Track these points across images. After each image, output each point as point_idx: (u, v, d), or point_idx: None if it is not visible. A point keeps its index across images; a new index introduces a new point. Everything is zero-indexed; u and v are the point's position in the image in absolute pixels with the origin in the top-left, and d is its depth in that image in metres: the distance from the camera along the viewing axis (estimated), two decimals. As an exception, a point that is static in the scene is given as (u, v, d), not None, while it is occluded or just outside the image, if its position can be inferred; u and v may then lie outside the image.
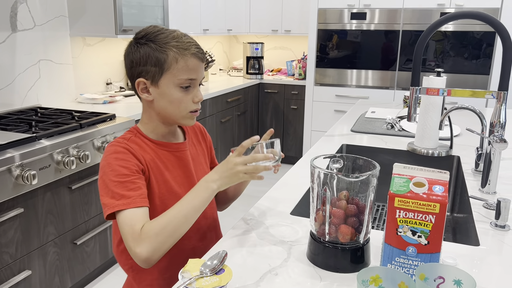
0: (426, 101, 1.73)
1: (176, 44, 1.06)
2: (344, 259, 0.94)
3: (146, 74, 1.07)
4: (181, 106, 1.09)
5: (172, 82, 1.07)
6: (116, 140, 1.10)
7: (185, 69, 1.07)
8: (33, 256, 1.98)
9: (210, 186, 1.02)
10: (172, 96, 1.08)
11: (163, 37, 1.06)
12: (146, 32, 1.08)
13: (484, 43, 3.66)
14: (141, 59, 1.07)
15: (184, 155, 1.18)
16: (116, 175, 1.01)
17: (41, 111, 2.50)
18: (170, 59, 1.05)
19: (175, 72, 1.06)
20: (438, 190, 0.79)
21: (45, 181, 1.96)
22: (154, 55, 1.05)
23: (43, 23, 2.65)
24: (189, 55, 1.07)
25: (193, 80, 1.09)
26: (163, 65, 1.06)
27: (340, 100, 4.18)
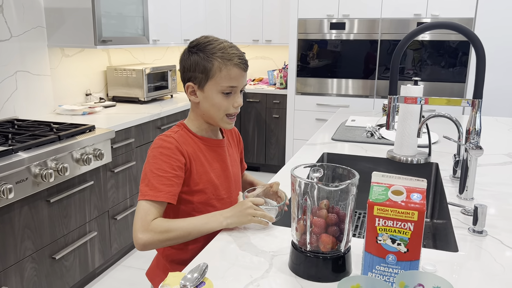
0: (404, 109, 1.76)
1: (221, 55, 1.19)
2: (326, 268, 0.94)
3: (195, 79, 1.22)
4: (221, 109, 1.23)
5: (215, 88, 1.21)
6: (165, 134, 1.24)
7: (227, 77, 1.20)
8: (9, 273, 1.92)
9: (222, 221, 1.15)
10: (214, 100, 1.22)
11: (211, 47, 1.20)
12: (198, 42, 1.22)
13: (460, 52, 3.75)
14: (191, 66, 1.21)
15: (222, 151, 1.33)
16: (157, 168, 1.17)
17: (18, 123, 2.45)
18: (215, 68, 1.19)
19: (218, 79, 1.20)
20: (416, 198, 0.80)
21: (22, 194, 1.92)
22: (202, 63, 1.19)
23: (20, 34, 2.61)
24: (232, 65, 1.19)
25: (234, 87, 1.22)
26: (209, 73, 1.20)
27: (321, 108, 4.22)
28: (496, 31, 3.62)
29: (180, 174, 1.20)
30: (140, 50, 3.80)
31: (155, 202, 1.14)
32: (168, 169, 1.17)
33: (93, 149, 2.35)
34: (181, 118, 3.36)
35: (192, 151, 1.25)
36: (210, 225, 1.14)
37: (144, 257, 2.91)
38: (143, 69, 3.27)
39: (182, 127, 1.29)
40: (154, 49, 4.01)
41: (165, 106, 3.28)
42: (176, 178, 1.18)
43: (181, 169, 1.20)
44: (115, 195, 2.64)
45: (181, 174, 1.20)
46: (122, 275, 2.68)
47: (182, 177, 1.21)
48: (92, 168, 2.36)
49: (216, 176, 1.29)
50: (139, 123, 2.81)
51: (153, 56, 4.00)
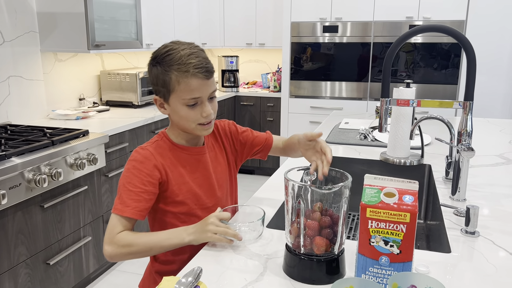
0: (396, 111, 1.77)
1: (178, 66, 1.12)
2: (320, 271, 0.95)
3: (159, 93, 1.19)
4: (190, 121, 1.18)
5: (178, 102, 1.16)
6: (142, 145, 1.22)
7: (187, 90, 1.13)
8: (3, 279, 1.91)
9: (184, 237, 1.10)
10: (180, 112, 1.17)
11: (168, 59, 1.13)
12: (157, 53, 1.17)
13: (452, 54, 3.78)
14: (153, 79, 1.18)
15: (203, 158, 1.28)
16: (128, 182, 1.14)
17: (11, 128, 2.44)
18: (173, 82, 1.14)
19: (179, 93, 1.14)
20: (408, 200, 0.81)
21: (16, 200, 1.91)
22: (161, 77, 1.15)
23: (13, 39, 2.60)
24: (189, 76, 1.12)
25: (197, 98, 1.15)
26: (169, 87, 1.15)
27: (315, 111, 4.23)
28: (487, 33, 3.65)
29: (151, 189, 1.16)
30: (133, 54, 3.80)
31: (122, 217, 1.12)
32: (138, 184, 1.14)
33: (87, 154, 2.34)
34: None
35: (170, 163, 1.21)
36: (172, 241, 1.11)
37: (139, 262, 2.90)
38: (137, 73, 3.26)
39: (162, 136, 1.25)
40: (148, 53, 4.00)
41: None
42: (145, 193, 1.14)
43: (152, 184, 1.16)
44: (109, 200, 2.64)
45: (152, 190, 1.16)
46: (117, 280, 2.67)
47: (153, 192, 1.17)
48: (86, 173, 2.35)
49: (197, 186, 1.25)
50: (133, 127, 2.80)
51: (146, 60, 3.97)
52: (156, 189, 1.17)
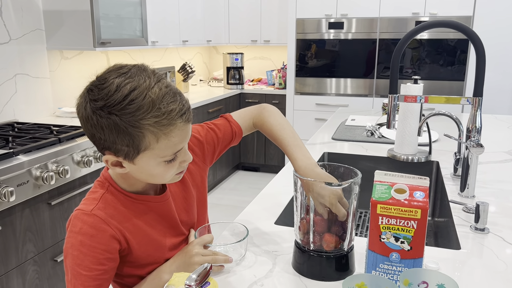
0: (404, 108, 1.76)
1: (156, 120, 0.80)
2: (329, 267, 0.94)
3: (117, 152, 0.84)
4: (166, 175, 0.90)
5: (154, 160, 0.86)
6: (83, 207, 0.90)
7: (169, 146, 0.84)
8: (11, 275, 1.92)
9: (163, 279, 0.94)
10: (153, 171, 0.88)
11: (134, 108, 0.79)
12: (108, 101, 0.79)
13: (458, 50, 3.75)
14: (107, 136, 0.81)
15: (165, 206, 1.00)
16: (79, 265, 0.86)
17: (18, 126, 2.45)
18: (148, 140, 0.82)
19: (157, 151, 0.84)
20: (419, 196, 0.81)
21: (24, 197, 1.92)
22: (126, 134, 0.80)
23: (19, 37, 2.61)
24: (175, 130, 0.83)
25: (179, 151, 0.88)
26: (139, 146, 0.82)
27: (320, 108, 4.22)
28: (494, 29, 3.63)
29: (111, 266, 0.90)
30: (138, 52, 3.80)
31: None
32: (93, 265, 0.86)
33: (94, 151, 2.35)
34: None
35: (127, 222, 0.92)
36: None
37: (146, 259, 2.90)
38: (142, 71, 3.26)
39: (107, 185, 0.93)
40: (153, 51, 4.01)
41: (165, 107, 3.28)
42: (105, 274, 0.89)
43: (111, 260, 0.90)
44: (115, 197, 2.64)
45: (112, 266, 0.91)
46: (123, 277, 2.68)
47: (113, 268, 0.92)
48: (92, 170, 2.36)
49: (165, 239, 1.00)
50: (139, 124, 2.81)
51: (151, 57, 4.00)
52: (116, 261, 0.92)
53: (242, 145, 4.62)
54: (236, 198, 3.99)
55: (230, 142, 1.16)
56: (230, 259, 0.98)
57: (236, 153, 4.59)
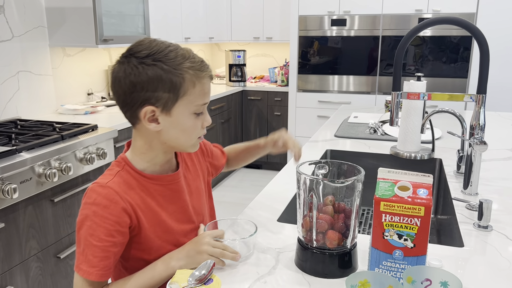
0: (407, 105, 1.76)
1: (192, 65, 0.92)
2: (332, 265, 0.94)
3: (157, 101, 0.92)
4: (193, 134, 0.98)
5: (188, 109, 0.94)
6: (100, 181, 0.96)
7: (202, 93, 0.95)
8: (15, 272, 1.93)
9: (173, 265, 0.94)
10: (185, 124, 0.96)
11: (173, 56, 0.91)
12: (151, 50, 0.91)
13: (461, 47, 3.74)
14: (149, 83, 0.90)
15: (178, 186, 1.06)
16: (91, 235, 0.91)
17: (21, 123, 2.45)
18: (187, 83, 0.92)
19: (191, 98, 0.93)
20: (423, 194, 0.80)
21: (27, 194, 1.92)
22: (168, 78, 0.90)
23: (22, 34, 2.61)
24: (206, 77, 0.95)
25: (206, 104, 0.98)
26: (179, 90, 0.92)
27: (323, 105, 4.21)
28: (497, 26, 3.61)
29: (120, 240, 0.94)
30: (141, 49, 3.80)
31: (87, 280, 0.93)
32: (104, 236, 0.91)
33: (96, 149, 2.35)
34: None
35: (140, 200, 0.98)
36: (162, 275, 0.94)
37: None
38: (145, 68, 3.26)
39: (123, 164, 0.99)
40: (155, 48, 4.01)
41: (167, 104, 3.28)
42: (113, 246, 0.92)
43: (121, 234, 0.93)
44: (118, 194, 2.65)
45: (121, 240, 0.94)
46: (126, 274, 2.69)
47: (122, 242, 0.95)
48: (95, 167, 2.36)
49: (175, 222, 1.04)
50: (141, 122, 2.81)
51: (154, 54, 4.00)
52: (126, 237, 0.95)
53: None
54: (239, 196, 4.00)
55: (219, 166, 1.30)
56: (238, 256, 0.97)
57: (238, 151, 4.59)
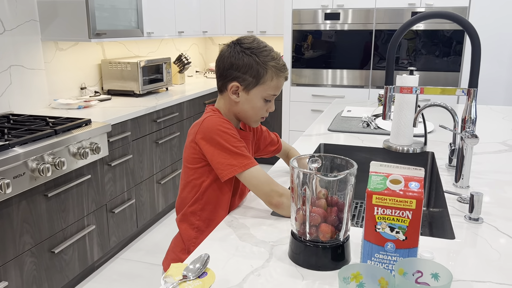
0: (400, 99, 1.77)
1: (275, 65, 1.24)
2: (325, 257, 0.95)
3: (243, 81, 1.24)
4: (259, 113, 1.29)
5: (261, 94, 1.25)
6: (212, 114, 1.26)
7: (275, 87, 1.26)
8: (9, 267, 1.93)
9: None
10: (256, 104, 1.27)
11: (265, 54, 1.23)
12: (251, 45, 1.23)
13: (454, 41, 3.76)
14: (244, 67, 1.23)
15: (248, 143, 1.37)
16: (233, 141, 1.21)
17: (14, 118, 2.44)
18: (268, 76, 1.23)
19: (267, 87, 1.25)
20: (414, 187, 0.82)
21: (20, 189, 1.92)
22: (256, 68, 1.22)
23: (13, 28, 2.59)
24: (282, 77, 1.26)
25: (275, 95, 1.28)
26: (260, 79, 1.23)
27: (317, 99, 4.22)
28: (490, 20, 3.63)
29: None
30: (134, 43, 3.78)
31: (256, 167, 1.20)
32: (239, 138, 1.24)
33: (90, 143, 2.35)
34: (177, 111, 3.36)
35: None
36: None
37: (142, 250, 2.92)
38: (138, 62, 3.25)
39: (216, 111, 1.30)
40: (148, 42, 3.99)
41: (161, 99, 3.28)
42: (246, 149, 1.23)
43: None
44: (112, 189, 2.65)
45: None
46: (121, 268, 2.70)
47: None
48: (89, 162, 2.36)
49: None
50: (135, 116, 2.80)
51: (147, 49, 3.98)
52: None
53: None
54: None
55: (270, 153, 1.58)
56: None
57: (233, 145, 4.58)
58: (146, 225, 3.19)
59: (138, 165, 2.91)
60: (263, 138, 1.52)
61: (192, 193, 1.31)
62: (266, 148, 1.54)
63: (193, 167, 1.28)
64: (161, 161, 3.22)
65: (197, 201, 1.30)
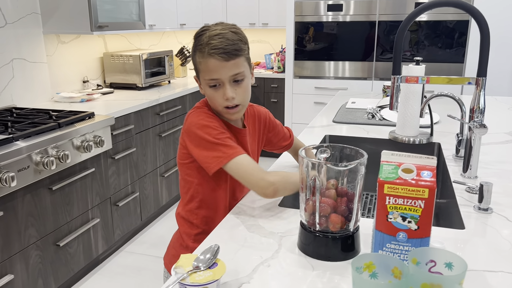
0: (406, 89, 1.76)
1: (200, 47, 1.14)
2: (335, 248, 0.95)
3: (197, 70, 1.21)
4: (216, 102, 1.18)
5: (203, 81, 1.18)
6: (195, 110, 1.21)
7: (206, 70, 1.14)
8: (14, 260, 1.93)
9: None
10: (207, 93, 1.19)
11: (199, 39, 1.15)
12: (196, 32, 1.18)
13: (457, 32, 3.73)
14: (192, 59, 1.21)
15: (244, 140, 1.28)
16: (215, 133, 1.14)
17: (17, 111, 2.43)
18: (197, 62, 1.17)
19: (202, 73, 1.16)
20: (427, 176, 0.81)
21: (24, 182, 1.91)
22: (192, 57, 1.19)
23: (15, 21, 2.57)
24: (207, 56, 1.12)
25: (216, 79, 1.15)
26: (196, 65, 1.18)
27: (319, 92, 4.20)
28: (495, 10, 3.60)
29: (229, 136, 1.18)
30: (136, 36, 3.76)
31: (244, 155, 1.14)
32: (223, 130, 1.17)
33: (93, 136, 2.34)
34: (179, 104, 3.35)
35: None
36: None
37: (147, 243, 2.92)
38: (140, 55, 3.24)
39: (204, 105, 1.24)
40: (150, 35, 3.97)
41: (163, 92, 3.26)
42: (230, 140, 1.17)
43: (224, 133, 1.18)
44: (116, 182, 2.64)
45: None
46: (125, 261, 2.70)
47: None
48: (93, 155, 2.35)
49: None
50: (138, 109, 2.79)
51: (149, 41, 3.96)
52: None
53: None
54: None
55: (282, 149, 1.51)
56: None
57: (235, 138, 4.57)
58: (150, 218, 3.19)
59: (141, 158, 2.91)
60: (276, 132, 1.45)
61: (185, 189, 1.28)
62: (278, 142, 1.47)
63: (184, 163, 1.25)
64: (164, 154, 3.21)
65: (193, 200, 1.27)
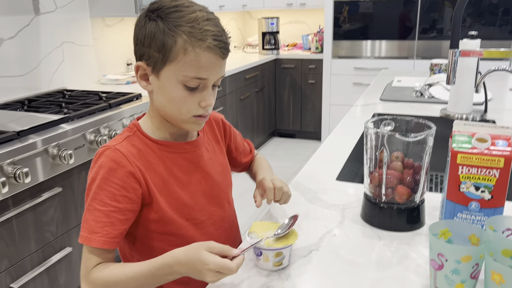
0: (460, 65, 1.71)
1: (190, 29, 0.81)
2: (400, 219, 0.95)
3: (148, 59, 0.85)
4: (183, 108, 0.86)
5: (175, 77, 0.84)
6: (108, 145, 0.87)
7: (194, 64, 0.82)
8: (72, 234, 2.03)
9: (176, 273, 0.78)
10: (172, 93, 0.85)
11: (176, 16, 0.82)
12: (160, 5, 0.84)
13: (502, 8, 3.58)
14: (146, 38, 0.84)
15: (197, 156, 0.96)
16: (94, 199, 0.84)
17: (68, 93, 2.52)
18: (178, 47, 0.81)
19: (181, 65, 0.82)
20: (502, 145, 0.80)
21: (80, 160, 1.99)
22: (160, 37, 0.82)
23: (64, 5, 2.65)
24: (203, 47, 0.81)
25: (203, 80, 0.84)
26: (168, 53, 0.82)
27: (359, 72, 4.14)
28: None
29: (127, 207, 0.84)
30: (175, 19, 3.79)
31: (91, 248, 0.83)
32: (108, 200, 0.83)
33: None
34: (219, 86, 3.38)
35: (149, 165, 0.89)
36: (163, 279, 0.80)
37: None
38: (181, 37, 3.27)
39: (134, 130, 0.91)
40: (189, 17, 4.00)
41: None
42: (119, 213, 0.83)
43: (127, 200, 0.84)
44: (162, 162, 2.71)
45: (128, 207, 0.85)
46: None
47: (130, 210, 0.85)
48: (141, 135, 2.42)
49: (189, 195, 0.93)
50: (181, 90, 2.83)
51: (188, 24, 3.99)
52: (134, 205, 0.86)
53: (278, 112, 4.62)
54: (274, 164, 4.01)
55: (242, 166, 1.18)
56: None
57: (272, 120, 4.59)
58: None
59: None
60: (236, 143, 1.13)
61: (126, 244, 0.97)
62: (238, 157, 1.14)
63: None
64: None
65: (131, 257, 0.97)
